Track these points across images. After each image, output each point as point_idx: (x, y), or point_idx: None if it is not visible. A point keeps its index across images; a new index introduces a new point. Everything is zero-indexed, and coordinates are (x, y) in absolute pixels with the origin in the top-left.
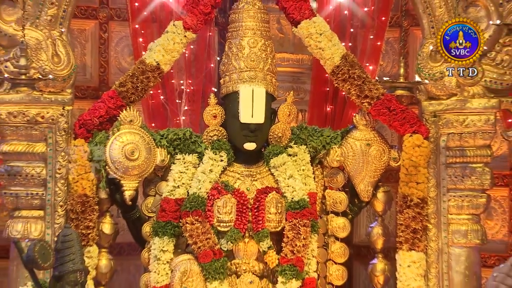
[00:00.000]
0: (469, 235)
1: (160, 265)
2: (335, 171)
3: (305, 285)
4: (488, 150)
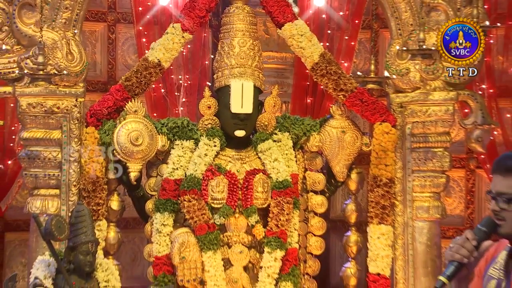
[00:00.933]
0: (430, 210)
1: (161, 237)
2: (314, 155)
3: (288, 254)
4: (447, 136)
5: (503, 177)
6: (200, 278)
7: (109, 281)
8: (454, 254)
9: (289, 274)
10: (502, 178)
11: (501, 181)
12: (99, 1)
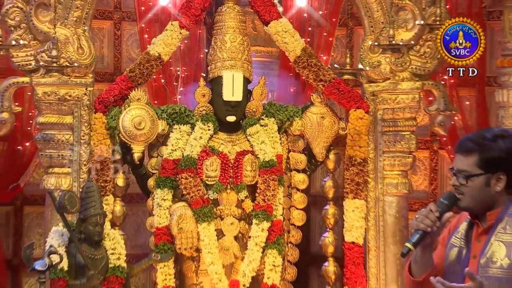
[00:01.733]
0: (399, 186)
1: (162, 211)
2: (296, 138)
3: (273, 225)
4: (413, 121)
5: (464, 156)
6: (196, 247)
7: (115, 249)
8: (419, 223)
9: (274, 243)
10: (463, 157)
11: (461, 160)
12: (106, 1)
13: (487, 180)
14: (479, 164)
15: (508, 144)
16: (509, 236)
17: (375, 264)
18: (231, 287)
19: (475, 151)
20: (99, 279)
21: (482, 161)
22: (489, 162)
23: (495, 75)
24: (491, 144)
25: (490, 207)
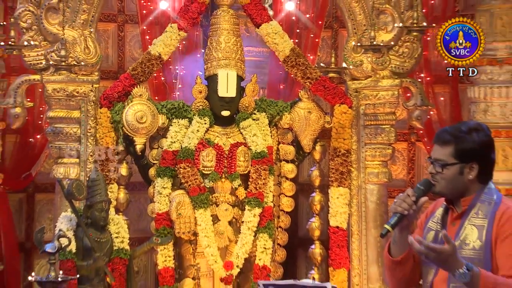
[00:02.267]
0: (379, 175)
1: (162, 198)
2: (286, 131)
3: (265, 211)
4: (393, 116)
5: (440, 147)
6: (193, 231)
7: (119, 233)
8: (397, 207)
9: (265, 227)
10: (440, 147)
11: (438, 150)
12: (111, 5)
13: (461, 169)
14: (454, 154)
15: (481, 137)
16: (480, 220)
17: (357, 247)
18: (226, 267)
19: (451, 142)
20: (105, 260)
21: (457, 151)
22: (463, 153)
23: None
24: (466, 136)
25: (464, 193)
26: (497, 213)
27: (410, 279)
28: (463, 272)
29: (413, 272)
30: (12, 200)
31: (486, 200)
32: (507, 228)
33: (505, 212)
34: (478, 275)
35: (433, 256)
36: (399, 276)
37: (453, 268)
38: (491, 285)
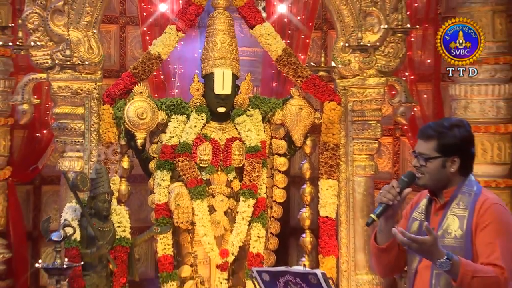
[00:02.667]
0: (366, 168)
1: (161, 189)
2: (278, 126)
3: (258, 202)
4: (379, 112)
5: (424, 141)
6: (191, 220)
7: (121, 223)
8: (382, 197)
9: (259, 217)
10: (423, 142)
11: (422, 144)
12: (113, 7)
13: (443, 163)
14: (437, 149)
15: (462, 132)
16: (461, 211)
17: (345, 235)
18: (222, 255)
19: (434, 137)
20: (107, 248)
21: (440, 146)
22: (446, 147)
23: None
24: (448, 132)
25: (446, 186)
26: (477, 203)
27: (395, 265)
28: (443, 261)
29: (398, 259)
30: (20, 191)
31: (466, 191)
32: (486, 218)
33: (485, 203)
34: (458, 264)
35: (415, 247)
36: (385, 263)
37: (434, 257)
38: (470, 272)
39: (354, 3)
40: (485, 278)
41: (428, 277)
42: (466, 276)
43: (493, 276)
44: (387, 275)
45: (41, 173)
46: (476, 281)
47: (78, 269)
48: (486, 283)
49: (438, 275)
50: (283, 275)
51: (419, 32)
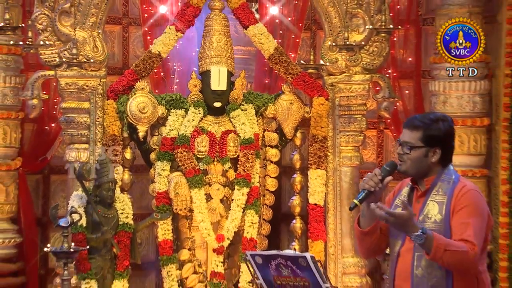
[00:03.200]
0: (352, 159)
1: (161, 179)
2: (270, 120)
3: (252, 191)
4: (364, 106)
5: (410, 131)
6: (189, 208)
7: (124, 209)
8: (365, 184)
9: (252, 204)
10: (409, 132)
11: (408, 134)
12: (116, 9)
13: (426, 152)
14: (422, 139)
15: (446, 126)
16: (441, 197)
17: (333, 221)
18: (218, 240)
19: (420, 128)
20: (111, 233)
21: (424, 137)
22: (430, 138)
23: (429, 69)
24: (433, 124)
25: (426, 174)
26: (455, 190)
27: (377, 247)
28: (418, 234)
29: (379, 241)
30: (30, 180)
31: (446, 179)
32: (462, 201)
33: (462, 189)
34: (431, 238)
35: (392, 220)
36: (367, 245)
37: (410, 231)
38: (442, 246)
39: (341, 5)
40: (456, 252)
41: (410, 259)
42: (439, 249)
43: (464, 251)
44: (370, 256)
45: (49, 163)
46: (447, 254)
47: (84, 253)
48: (456, 257)
49: (419, 257)
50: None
51: (401, 32)
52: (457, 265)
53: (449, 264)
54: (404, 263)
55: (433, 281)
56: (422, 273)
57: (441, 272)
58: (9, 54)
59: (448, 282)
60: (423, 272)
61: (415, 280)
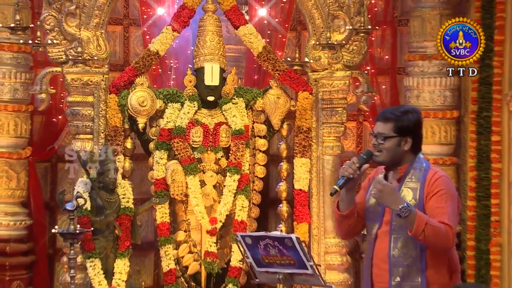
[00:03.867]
0: (334, 148)
1: (159, 166)
2: (259, 113)
3: (242, 177)
4: (345, 100)
5: (383, 123)
6: (185, 193)
7: (125, 195)
8: (344, 171)
9: (243, 190)
10: (382, 123)
11: (381, 125)
12: (118, 11)
13: (399, 142)
14: (394, 129)
15: (415, 117)
16: (414, 184)
17: (316, 205)
18: (211, 222)
19: (392, 120)
20: (113, 216)
21: (396, 127)
22: (401, 129)
23: (404, 66)
24: (403, 116)
25: (400, 162)
26: (427, 176)
27: (354, 229)
28: (403, 206)
29: (356, 224)
30: (39, 168)
31: (417, 167)
32: (434, 188)
33: (434, 176)
34: (414, 214)
35: (379, 188)
36: (345, 227)
37: (395, 203)
38: (424, 220)
39: (324, 7)
40: (437, 228)
41: (387, 241)
42: (421, 223)
43: (442, 228)
44: (347, 237)
45: (57, 152)
46: (429, 228)
47: (89, 234)
48: (437, 232)
49: (396, 239)
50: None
51: (378, 32)
52: (436, 241)
53: (429, 239)
54: (381, 244)
55: (408, 261)
56: (399, 253)
57: (416, 252)
58: (20, 52)
59: (422, 261)
60: (399, 252)
61: (392, 260)
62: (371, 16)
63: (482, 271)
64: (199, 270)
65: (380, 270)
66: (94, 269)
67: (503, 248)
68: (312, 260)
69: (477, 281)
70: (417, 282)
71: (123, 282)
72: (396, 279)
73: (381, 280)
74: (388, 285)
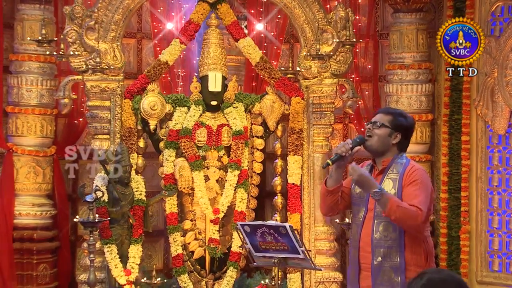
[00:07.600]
0: (323, 147)
1: (168, 163)
2: (257, 115)
3: (242, 173)
4: (332, 105)
5: (384, 115)
6: (191, 186)
7: (138, 188)
8: (338, 149)
9: (242, 184)
10: (383, 115)
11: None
12: (132, 25)
13: (390, 133)
14: (390, 122)
15: (410, 121)
16: (394, 175)
17: (307, 197)
18: (214, 212)
19: (392, 114)
20: (128, 207)
21: (393, 121)
22: (396, 124)
23: (384, 74)
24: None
25: (384, 153)
26: (406, 169)
27: (335, 206)
28: (376, 190)
29: (338, 202)
30: (63, 164)
31: (399, 162)
32: (412, 177)
33: (412, 168)
34: (387, 196)
35: (357, 175)
36: (328, 202)
37: (370, 187)
38: (396, 203)
39: (314, 23)
40: (406, 209)
41: (371, 226)
42: (393, 205)
43: (412, 210)
44: (328, 213)
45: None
46: (399, 209)
47: (106, 223)
48: (407, 213)
49: (378, 224)
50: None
51: (362, 44)
52: (406, 221)
53: (400, 219)
54: (367, 229)
55: (388, 243)
56: (380, 236)
57: (395, 235)
58: (45, 62)
59: (400, 243)
60: (380, 235)
61: (374, 242)
62: (356, 30)
63: (453, 255)
64: (203, 255)
65: (365, 252)
66: (111, 253)
67: (471, 235)
68: (304, 246)
69: (448, 263)
70: (396, 261)
71: (137, 265)
72: (378, 259)
73: (366, 261)
74: (371, 265)
